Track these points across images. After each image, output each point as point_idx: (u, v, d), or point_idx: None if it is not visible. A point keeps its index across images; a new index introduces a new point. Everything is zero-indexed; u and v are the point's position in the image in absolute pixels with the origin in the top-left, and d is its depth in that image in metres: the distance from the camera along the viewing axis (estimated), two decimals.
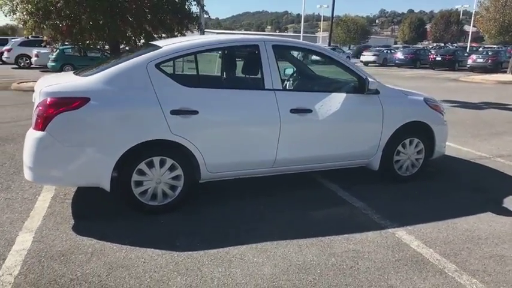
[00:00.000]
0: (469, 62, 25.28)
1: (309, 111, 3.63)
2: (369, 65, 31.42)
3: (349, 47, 56.89)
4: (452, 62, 26.88)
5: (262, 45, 3.58)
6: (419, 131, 4.23)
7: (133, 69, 3.17)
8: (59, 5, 9.82)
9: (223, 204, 3.60)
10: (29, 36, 17.04)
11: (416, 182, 4.32)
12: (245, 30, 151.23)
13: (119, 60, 3.36)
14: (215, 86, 3.59)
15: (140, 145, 3.12)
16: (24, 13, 9.90)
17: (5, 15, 9.74)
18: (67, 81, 3.14)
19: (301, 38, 36.71)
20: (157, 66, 3.20)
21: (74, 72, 3.44)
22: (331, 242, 2.98)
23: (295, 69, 4.73)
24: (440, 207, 3.69)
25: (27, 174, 3.06)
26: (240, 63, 3.81)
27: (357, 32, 58.11)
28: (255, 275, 2.54)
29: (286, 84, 4.55)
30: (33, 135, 2.94)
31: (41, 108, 2.92)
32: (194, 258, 2.70)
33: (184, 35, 14.71)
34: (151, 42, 3.69)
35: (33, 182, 3.17)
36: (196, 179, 3.45)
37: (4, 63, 20.44)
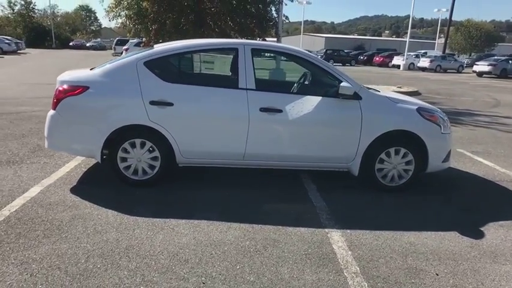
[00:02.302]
0: None
1: (279, 111, 3.89)
2: (484, 76, 28.06)
3: (470, 55, 51.18)
4: None
5: (242, 48, 3.96)
6: (407, 140, 4.10)
7: (125, 65, 3.89)
8: (149, 11, 11.46)
9: (197, 188, 4.10)
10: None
11: (403, 193, 4.19)
12: (358, 34, 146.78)
13: (121, 58, 4.12)
14: (192, 82, 4.07)
15: (125, 127, 3.82)
16: (125, 18, 11.83)
17: (109, 20, 11.79)
18: (78, 73, 4.00)
19: (407, 43, 34.53)
20: (145, 63, 3.86)
21: (90, 68, 4.31)
22: (260, 230, 3.24)
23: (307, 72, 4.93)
24: (404, 220, 3.59)
25: (45, 143, 4.01)
26: (222, 64, 4.26)
27: (480, 39, 51.88)
28: (171, 241, 2.99)
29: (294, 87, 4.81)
30: (49, 113, 3.87)
31: (55, 92, 3.82)
32: (136, 222, 3.27)
33: (264, 40, 15.50)
34: (153, 44, 4.37)
35: (48, 148, 4.12)
36: (173, 162, 4.01)
37: None
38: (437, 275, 2.73)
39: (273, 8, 13.87)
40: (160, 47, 4.04)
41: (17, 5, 56.34)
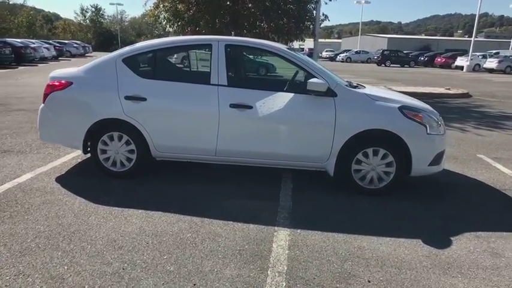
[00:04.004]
0: None
1: (249, 107, 3.86)
2: None
3: None
4: None
5: (216, 44, 4.00)
6: (386, 141, 3.84)
7: (106, 62, 4.12)
8: (186, 14, 11.92)
9: (173, 181, 4.21)
10: None
11: (383, 197, 3.93)
12: (426, 35, 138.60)
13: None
14: (166, 78, 4.13)
15: (103, 121, 4.04)
16: (165, 21, 12.43)
17: (149, 23, 12.43)
18: (65, 70, 4.31)
19: (472, 42, 31.92)
20: (123, 60, 4.06)
21: (79, 66, 4.59)
22: (209, 224, 3.25)
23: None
24: (369, 224, 3.37)
25: (38, 134, 4.37)
26: (198, 60, 4.32)
27: None
28: (117, 229, 3.11)
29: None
30: (40, 106, 4.22)
31: (45, 87, 4.16)
32: (96, 210, 3.45)
33: (303, 40, 15.31)
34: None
35: (40, 140, 4.48)
36: (149, 155, 4.15)
37: None
38: (369, 281, 2.54)
39: (312, 6, 13.67)
40: (139, 44, 4.22)
41: (89, 11, 61.93)
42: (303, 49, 69.44)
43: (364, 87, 4.37)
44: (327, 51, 54.58)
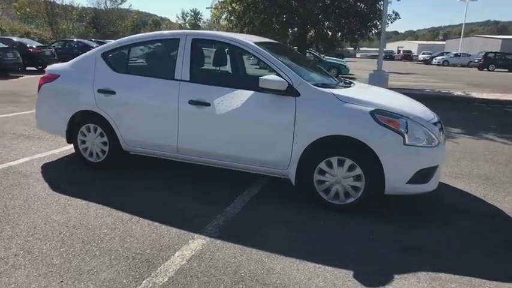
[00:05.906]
0: None
1: (207, 104, 3.65)
2: None
3: None
4: None
5: (183, 38, 3.87)
6: (353, 150, 3.28)
7: (88, 57, 4.29)
8: (247, 15, 11.97)
9: (140, 177, 4.19)
10: None
11: (353, 215, 3.37)
12: None
13: None
14: (136, 73, 4.07)
15: (80, 112, 4.22)
16: (226, 22, 12.68)
17: (213, 23, 12.79)
18: (58, 64, 4.59)
19: None
20: (102, 55, 4.17)
21: None
22: (134, 223, 3.13)
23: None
24: (306, 244, 2.92)
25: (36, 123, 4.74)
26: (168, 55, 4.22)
27: None
28: (48, 216, 3.19)
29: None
30: (36, 97, 4.57)
31: (39, 79, 4.50)
32: (47, 196, 3.59)
33: (370, 40, 14.28)
34: None
35: (38, 128, 4.83)
36: (121, 148, 4.20)
37: None
38: None
39: (381, 3, 12.68)
40: (119, 40, 4.30)
41: (188, 15, 67.14)
42: (399, 51, 65.07)
43: (353, 84, 3.83)
44: (423, 53, 50.33)
